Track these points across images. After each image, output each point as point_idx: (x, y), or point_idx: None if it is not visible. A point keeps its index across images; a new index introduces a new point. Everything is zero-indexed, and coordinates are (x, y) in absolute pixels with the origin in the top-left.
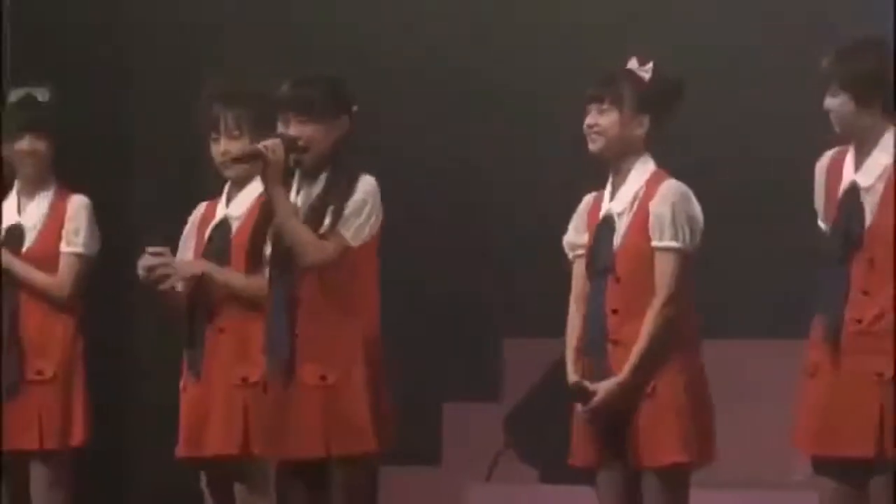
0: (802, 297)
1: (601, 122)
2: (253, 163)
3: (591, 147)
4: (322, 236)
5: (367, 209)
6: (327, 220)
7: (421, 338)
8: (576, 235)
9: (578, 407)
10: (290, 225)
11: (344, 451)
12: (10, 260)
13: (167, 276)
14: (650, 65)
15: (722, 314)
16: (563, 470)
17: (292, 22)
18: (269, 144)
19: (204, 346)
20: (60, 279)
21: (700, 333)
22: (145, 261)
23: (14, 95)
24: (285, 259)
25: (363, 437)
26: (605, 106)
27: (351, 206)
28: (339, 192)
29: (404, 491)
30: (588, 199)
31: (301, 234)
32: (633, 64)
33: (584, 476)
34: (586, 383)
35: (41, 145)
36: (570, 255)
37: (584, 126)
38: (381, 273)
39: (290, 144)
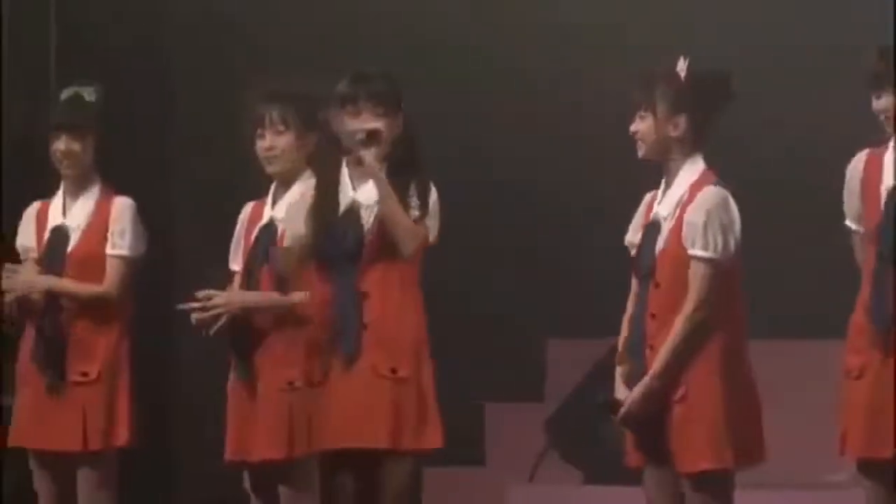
0: (831, 296)
1: (640, 127)
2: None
3: (638, 153)
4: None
5: (436, 210)
6: (415, 213)
7: (464, 338)
8: (633, 234)
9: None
10: (394, 210)
11: (412, 446)
12: (53, 282)
13: (216, 317)
14: (684, 63)
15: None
16: (606, 470)
17: (335, 21)
18: (370, 128)
19: (251, 350)
20: (107, 283)
21: (746, 337)
22: (194, 317)
23: (64, 95)
24: (350, 251)
25: (431, 432)
26: (642, 111)
27: (431, 204)
28: (416, 189)
29: (447, 491)
30: (647, 198)
31: (405, 220)
32: (679, 64)
33: (627, 477)
34: (622, 392)
35: (77, 145)
36: (633, 253)
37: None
38: (425, 272)
39: (374, 135)
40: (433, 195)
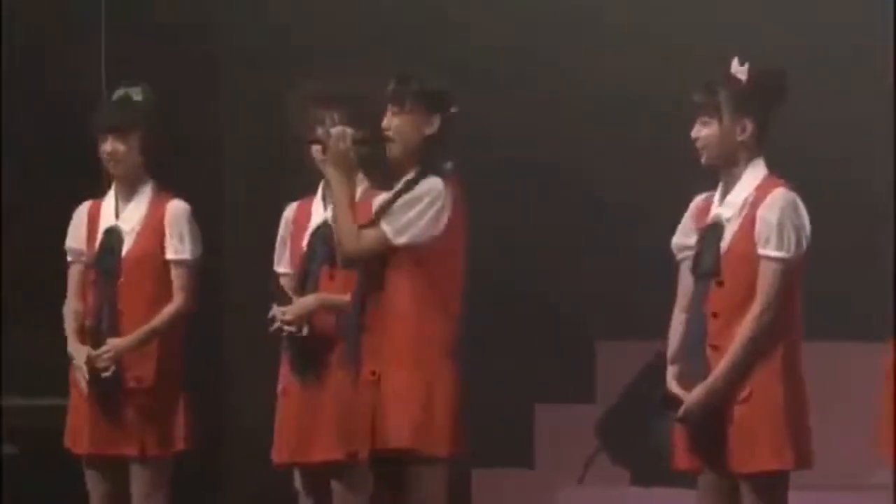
0: (873, 298)
1: (702, 134)
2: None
3: (702, 160)
4: (364, 228)
5: (419, 207)
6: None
7: (514, 339)
8: (683, 237)
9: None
10: (337, 211)
11: (429, 451)
12: (118, 343)
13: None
14: (746, 65)
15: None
16: (656, 472)
17: (383, 21)
18: (335, 131)
19: (311, 352)
20: (177, 292)
21: (801, 338)
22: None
23: (114, 96)
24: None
25: (450, 437)
26: (704, 117)
27: (401, 201)
28: (409, 189)
29: (497, 493)
30: (697, 200)
31: (342, 221)
32: (734, 66)
33: (676, 479)
34: (676, 391)
35: (122, 146)
36: (678, 256)
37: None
38: (475, 273)
39: (381, 134)
40: (416, 192)
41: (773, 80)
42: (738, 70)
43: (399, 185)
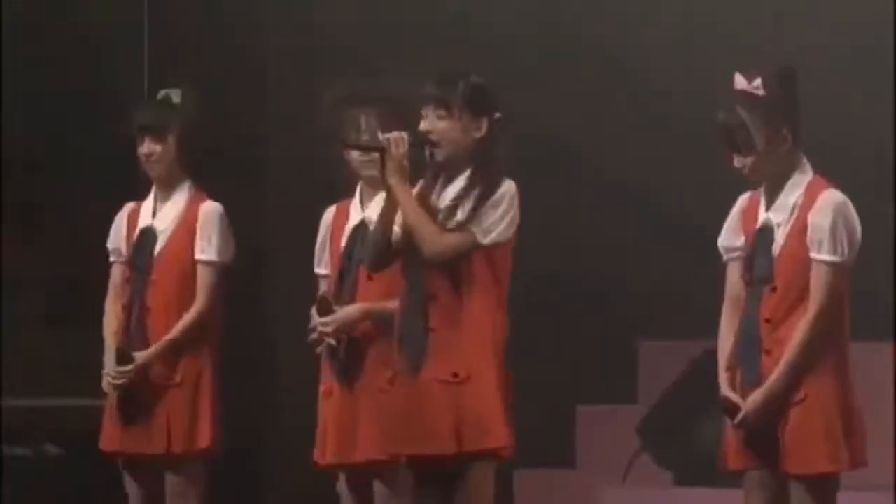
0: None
1: (746, 162)
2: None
3: (752, 182)
4: (450, 231)
5: (501, 209)
6: (458, 216)
7: (556, 339)
8: (730, 238)
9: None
10: (412, 217)
11: (474, 448)
12: (146, 354)
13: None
14: (758, 80)
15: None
16: (699, 472)
17: (425, 21)
18: (393, 137)
19: (353, 355)
20: (199, 293)
21: (849, 339)
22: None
23: (157, 97)
24: (418, 255)
25: (494, 433)
26: (740, 147)
27: (487, 204)
28: (475, 191)
29: (539, 493)
30: (742, 201)
31: (422, 225)
32: (740, 83)
33: (720, 479)
34: (733, 397)
35: (158, 147)
36: (725, 257)
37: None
38: (518, 273)
39: (423, 138)
40: (497, 195)
41: (789, 80)
42: (751, 87)
43: (460, 186)
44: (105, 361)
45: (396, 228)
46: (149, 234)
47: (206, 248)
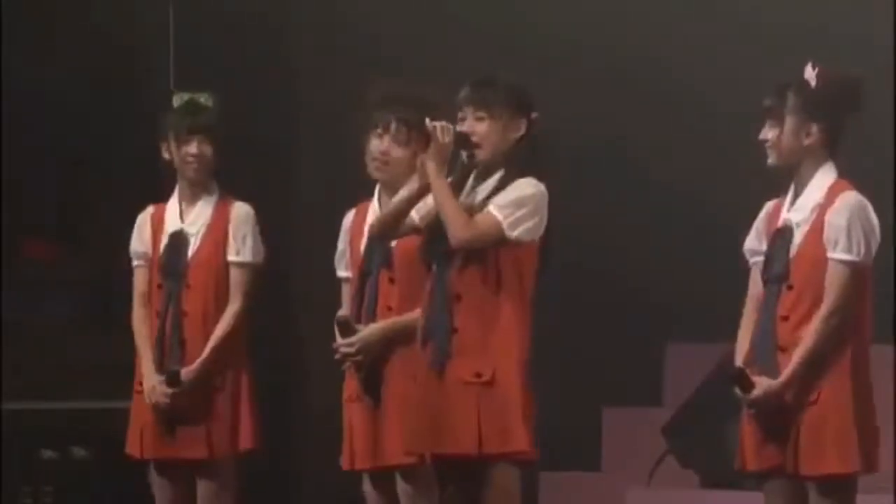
0: None
1: (770, 136)
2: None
3: (769, 161)
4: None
5: (529, 206)
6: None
7: (583, 341)
8: (755, 242)
9: (738, 392)
10: (445, 201)
11: (496, 450)
12: (195, 371)
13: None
14: (816, 70)
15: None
16: (724, 475)
17: (455, 22)
18: (440, 124)
19: (376, 363)
20: (233, 295)
21: (871, 341)
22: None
23: (178, 100)
24: (445, 253)
25: (515, 437)
26: (773, 120)
27: (512, 197)
28: (506, 190)
29: (564, 495)
30: (769, 206)
31: (452, 210)
32: (807, 70)
33: (745, 481)
34: (749, 373)
35: (207, 149)
36: (750, 260)
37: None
38: (544, 274)
39: (463, 140)
40: (523, 190)
41: (845, 87)
42: (810, 74)
43: (491, 186)
44: (144, 372)
45: (413, 214)
46: (180, 238)
47: (242, 250)
